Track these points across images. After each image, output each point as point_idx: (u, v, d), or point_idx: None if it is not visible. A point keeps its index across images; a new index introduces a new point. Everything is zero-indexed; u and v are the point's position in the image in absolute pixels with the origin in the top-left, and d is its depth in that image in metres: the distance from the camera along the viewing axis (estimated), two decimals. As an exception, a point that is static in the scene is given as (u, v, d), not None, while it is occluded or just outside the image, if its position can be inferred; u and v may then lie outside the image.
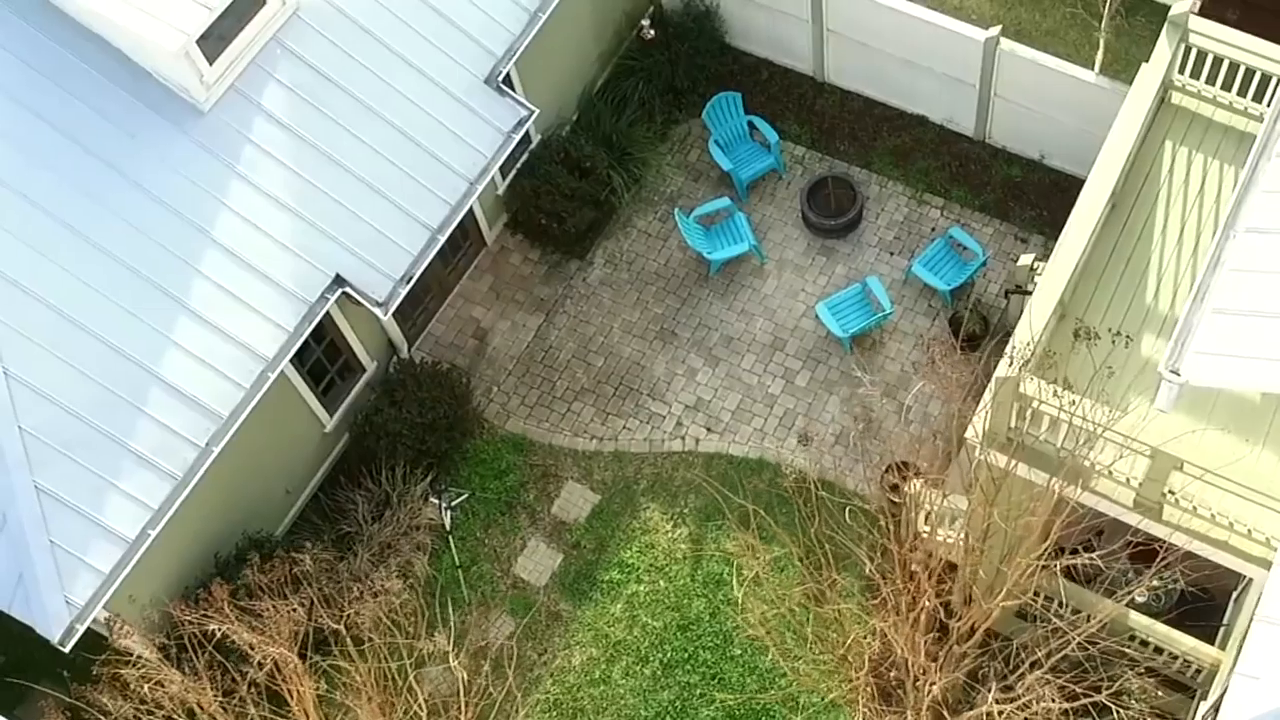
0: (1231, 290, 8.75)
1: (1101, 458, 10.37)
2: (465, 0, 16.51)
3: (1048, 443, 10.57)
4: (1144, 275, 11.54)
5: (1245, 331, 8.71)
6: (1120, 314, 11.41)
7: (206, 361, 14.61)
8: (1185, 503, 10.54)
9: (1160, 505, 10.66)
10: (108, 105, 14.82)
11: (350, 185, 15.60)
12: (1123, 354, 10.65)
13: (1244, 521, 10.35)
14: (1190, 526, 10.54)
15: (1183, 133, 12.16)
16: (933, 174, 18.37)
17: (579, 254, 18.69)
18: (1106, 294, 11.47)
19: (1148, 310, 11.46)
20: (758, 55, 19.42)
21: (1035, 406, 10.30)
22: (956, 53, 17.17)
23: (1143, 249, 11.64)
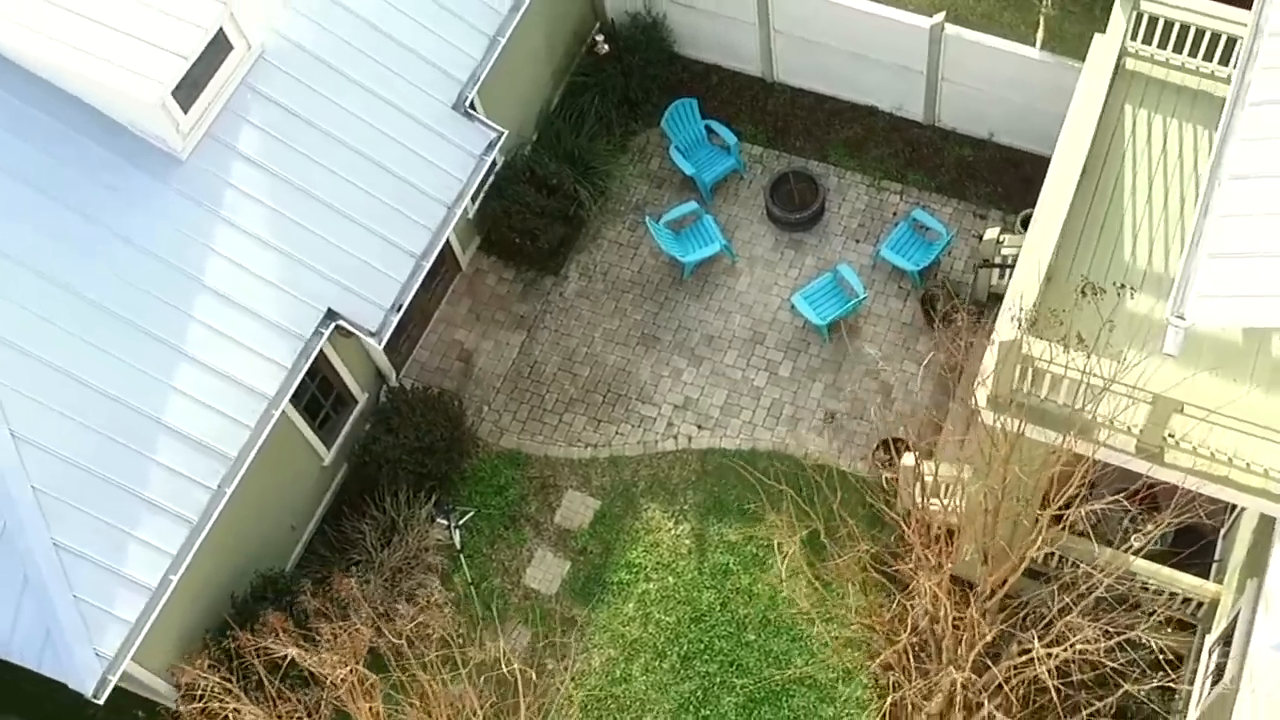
0: (1223, 235, 9.14)
1: (1104, 409, 10.71)
2: (425, 29, 16.64)
3: (1051, 400, 10.90)
4: (1119, 234, 11.96)
5: (1240, 272, 9.11)
6: (1102, 272, 11.79)
7: (209, 405, 14.59)
8: (1186, 444, 10.94)
9: (1161, 449, 11.05)
10: (87, 162, 14.77)
11: (332, 219, 15.65)
12: (1109, 309, 11.01)
13: (1243, 456, 10.77)
14: (1193, 467, 10.93)
15: (1140, 96, 12.61)
16: (888, 161, 18.77)
17: (553, 269, 18.85)
18: (1086, 255, 11.85)
19: (1126, 267, 11.86)
20: (707, 61, 19.72)
21: (1040, 366, 10.62)
22: (902, 42, 17.57)
23: (1115, 210, 12.04)
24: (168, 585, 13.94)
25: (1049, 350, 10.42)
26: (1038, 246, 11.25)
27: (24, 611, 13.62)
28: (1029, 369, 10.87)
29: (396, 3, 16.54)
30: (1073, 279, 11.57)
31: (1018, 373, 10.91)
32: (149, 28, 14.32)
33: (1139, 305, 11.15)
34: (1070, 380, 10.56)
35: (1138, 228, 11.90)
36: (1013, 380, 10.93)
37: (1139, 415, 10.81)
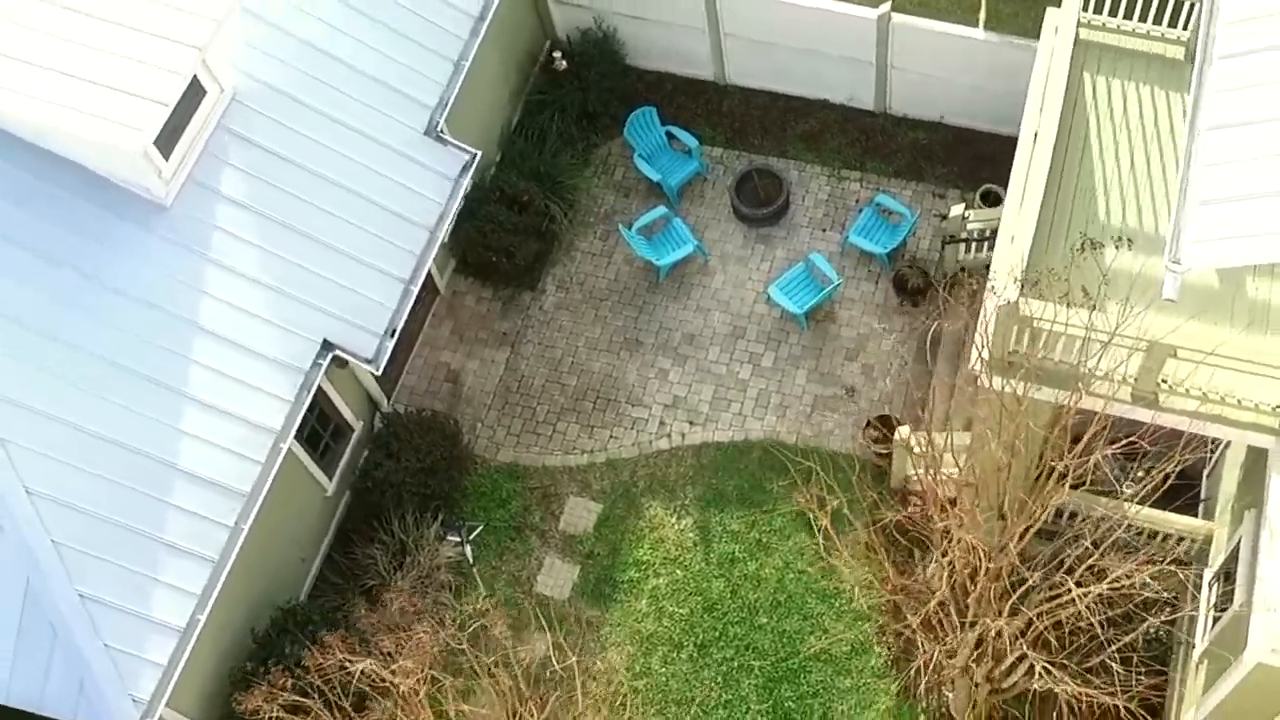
0: (1209, 182, 9.57)
1: (1100, 362, 11.10)
2: (389, 59, 16.78)
3: (1051, 359, 11.27)
4: (1092, 195, 12.39)
5: (1227, 216, 9.54)
6: (1079, 232, 12.22)
7: (218, 444, 14.59)
8: (1180, 389, 11.37)
9: (1156, 395, 11.48)
10: (73, 218, 14.74)
11: (319, 252, 15.72)
12: (1105, 264, 11.41)
13: (1234, 394, 11.22)
14: (1192, 409, 11.38)
15: (1096, 64, 13.06)
16: (845, 151, 19.17)
17: (530, 285, 19.02)
18: (1064, 217, 12.26)
19: (1103, 226, 12.29)
20: (660, 70, 20.02)
21: (1043, 325, 10.98)
22: (851, 34, 17.98)
23: (1085, 173, 12.48)
24: (196, 625, 13.92)
25: (1052, 309, 10.78)
26: (1025, 211, 11.63)
27: (55, 665, 13.55)
28: (1029, 330, 11.22)
29: (359, 36, 16.68)
30: (1054, 241, 11.97)
31: (1018, 334, 11.26)
32: (126, 78, 14.33)
33: (1120, 261, 11.56)
34: (1073, 336, 10.94)
35: (1108, 188, 12.35)
36: (1013, 342, 11.29)
37: (1134, 365, 11.21)
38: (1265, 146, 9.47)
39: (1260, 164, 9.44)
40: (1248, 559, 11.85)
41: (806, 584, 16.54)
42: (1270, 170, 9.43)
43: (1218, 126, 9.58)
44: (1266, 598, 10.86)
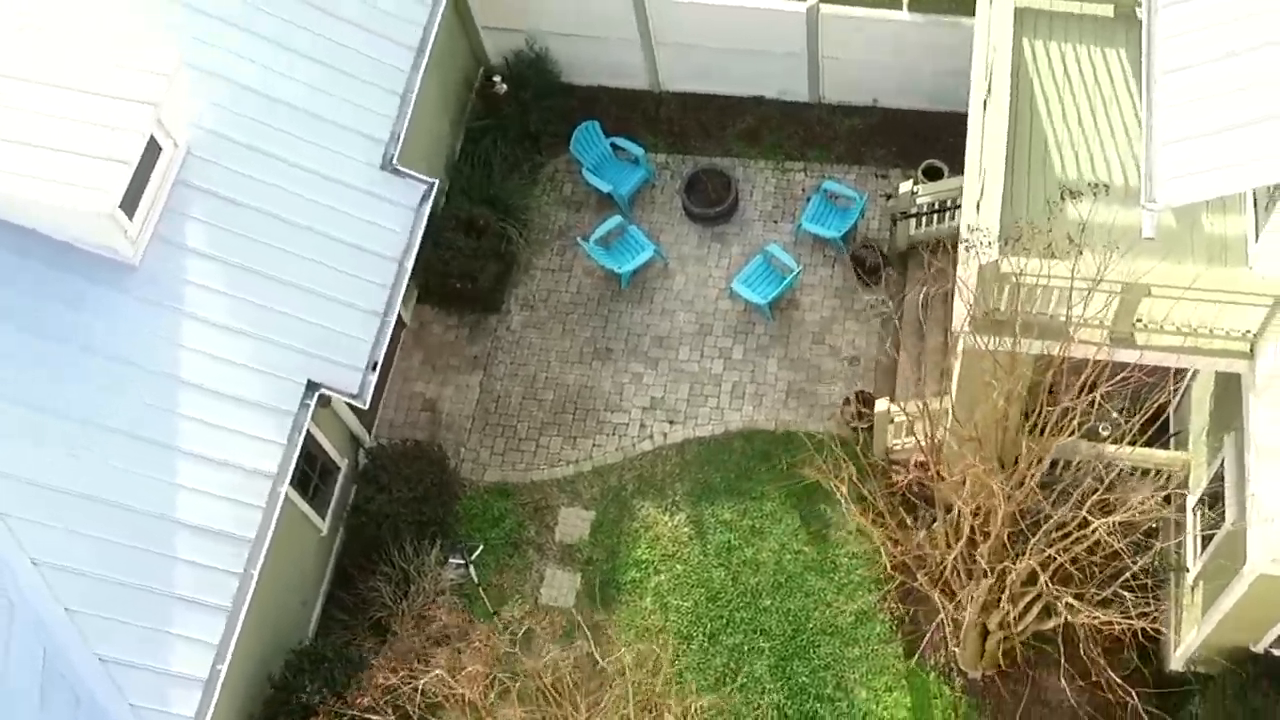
0: (1170, 124, 10.02)
1: (1081, 310, 11.52)
2: (337, 99, 16.78)
3: (1033, 312, 11.64)
4: (1046, 153, 12.84)
5: (1192, 153, 9.99)
6: (1040, 190, 12.66)
7: (217, 494, 14.49)
8: (1154, 326, 11.85)
9: (1133, 335, 11.93)
10: (45, 287, 14.54)
11: (292, 295, 15.68)
12: (1062, 221, 11.84)
13: (1205, 325, 11.71)
14: (1171, 344, 11.86)
15: (1033, 29, 13.52)
16: (786, 144, 19.54)
17: (494, 307, 19.11)
18: (1023, 177, 12.68)
19: (1060, 182, 12.74)
20: (595, 84, 20.24)
21: (1022, 280, 11.35)
22: (781, 29, 18.37)
23: (1037, 133, 12.93)
24: (218, 675, 13.81)
25: (1036, 263, 11.15)
26: (991, 173, 12.00)
27: (82, 731, 13.35)
28: (1011, 286, 11.59)
29: (305, 79, 16.67)
30: (1015, 201, 12.38)
31: (1000, 291, 11.63)
32: (85, 142, 14.22)
33: (1084, 213, 12.00)
34: (1057, 288, 11.33)
35: (1060, 144, 12.82)
36: (997, 299, 11.66)
37: (1111, 309, 11.63)
38: (1217, 85, 9.95)
39: (1214, 101, 9.92)
40: (1234, 480, 12.33)
41: (804, 562, 16.81)
42: (1224, 106, 9.92)
43: (1172, 70, 10.05)
44: (1262, 512, 11.32)
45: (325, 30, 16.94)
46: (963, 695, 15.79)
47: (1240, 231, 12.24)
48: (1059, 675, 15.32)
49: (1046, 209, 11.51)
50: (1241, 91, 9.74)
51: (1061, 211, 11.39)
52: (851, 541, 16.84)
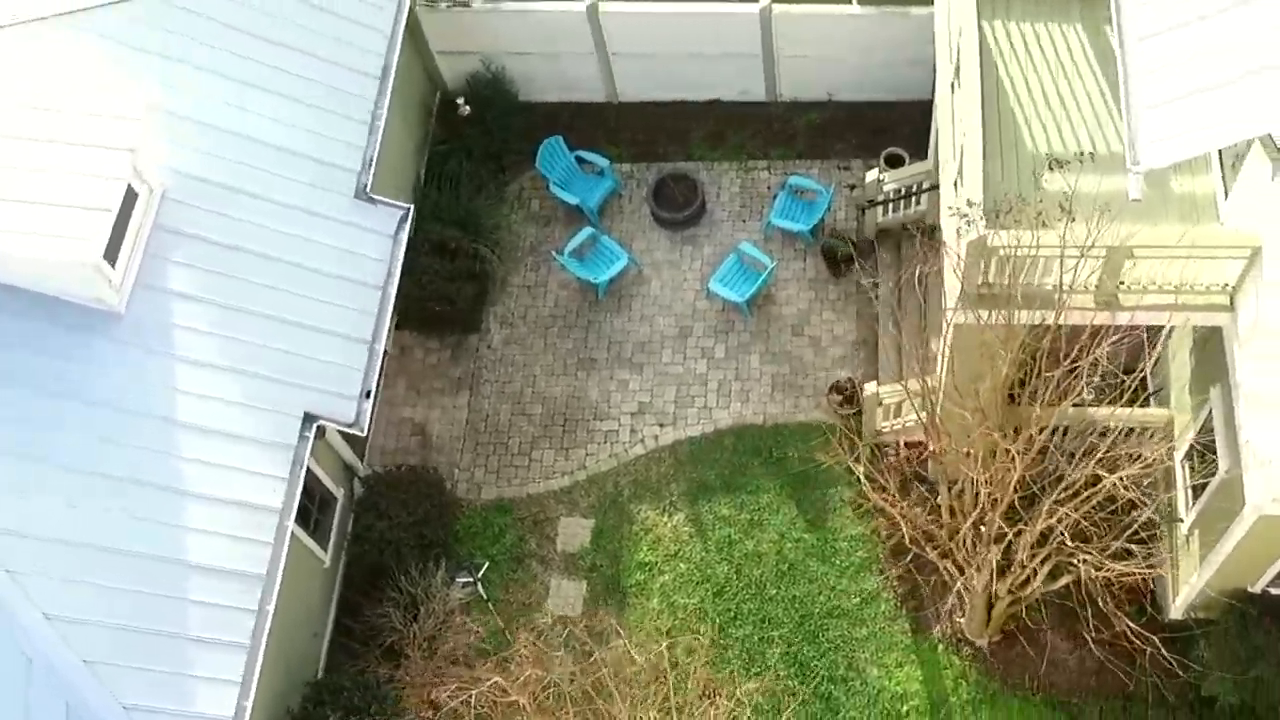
0: (1147, 88, 10.31)
1: (1069, 277, 11.79)
2: (306, 132, 16.74)
3: (1022, 283, 11.90)
4: (1016, 129, 13.13)
5: (1171, 115, 10.29)
6: (1014, 166, 12.95)
7: (224, 533, 14.39)
8: (1136, 286, 12.15)
9: (1117, 297, 12.23)
10: (34, 341, 14.39)
11: (280, 330, 15.60)
12: (1037, 193, 12.12)
13: (1185, 281, 12.04)
14: (1146, 304, 12.18)
15: (990, 9, 13.79)
16: (748, 144, 19.76)
17: (474, 327, 19.13)
18: (995, 153, 12.94)
19: (1033, 156, 13.04)
20: (555, 100, 20.34)
21: (1011, 253, 11.61)
22: (735, 31, 18.58)
23: (1006, 112, 13.20)
24: (244, 712, 13.69)
25: (1027, 234, 11.41)
26: (970, 152, 12.24)
27: (112, 780, 13.18)
28: (998, 259, 11.83)
29: (272, 115, 16.61)
30: (990, 178, 12.63)
31: (990, 264, 11.88)
32: (65, 193, 14.12)
33: (1061, 184, 12.29)
34: (1047, 257, 11.59)
35: (1029, 120, 13.12)
36: (989, 273, 11.90)
37: (1095, 273, 11.92)
38: (1190, 48, 10.24)
39: (1188, 64, 10.23)
40: (1223, 429, 12.66)
41: (805, 549, 16.97)
42: (1199, 69, 10.22)
43: (1145, 37, 10.33)
44: (1258, 457, 11.64)
45: (289, 65, 16.90)
46: (971, 663, 16.02)
47: (1208, 190, 12.60)
48: (1062, 634, 15.73)
49: (1030, 181, 11.75)
50: (1214, 53, 10.06)
51: (1042, 184, 11.65)
52: (849, 525, 17.05)
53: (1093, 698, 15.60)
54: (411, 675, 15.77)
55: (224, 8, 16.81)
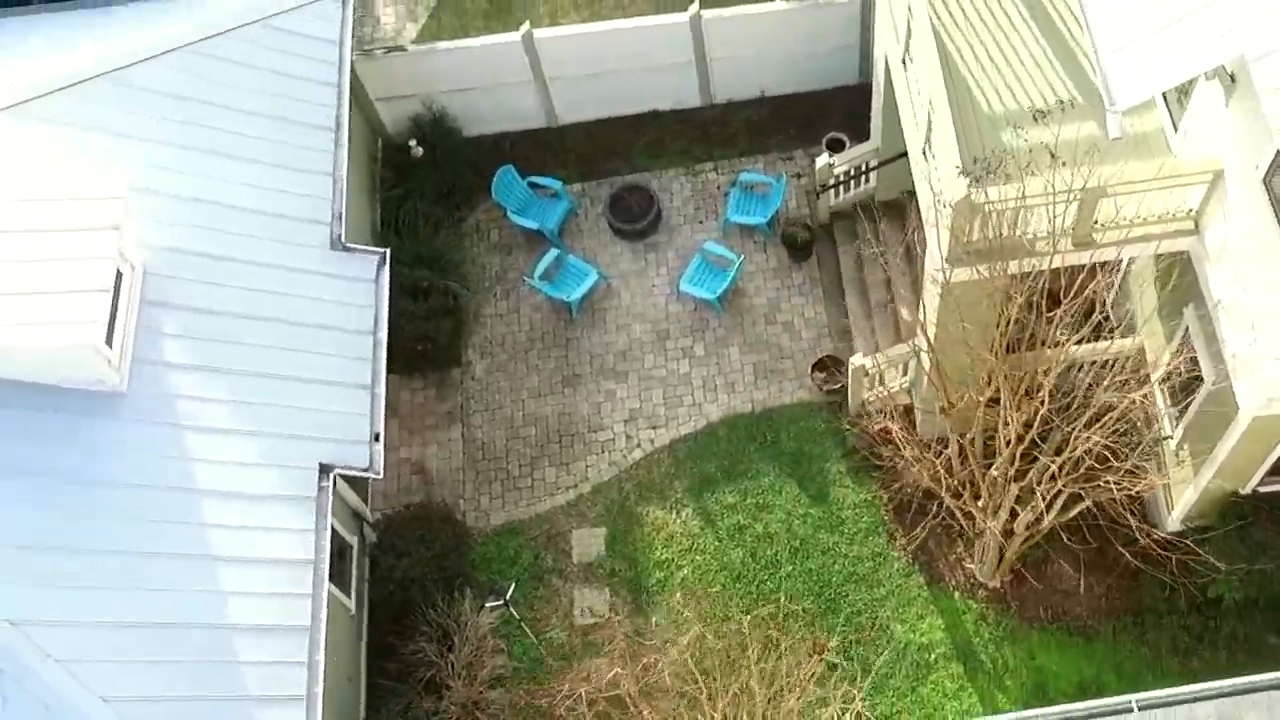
0: (1111, 32, 10.86)
1: (1054, 224, 12.34)
2: (274, 191, 16.66)
3: (1005, 236, 12.40)
4: (969, 93, 13.66)
5: (1136, 54, 10.86)
6: (973, 127, 13.47)
7: (264, 592, 14.29)
8: (1109, 225, 12.75)
9: (1092, 236, 12.81)
10: (42, 431, 14.15)
11: (282, 387, 15.54)
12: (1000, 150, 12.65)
13: (1151, 213, 12.68)
14: (1118, 239, 12.79)
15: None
16: (690, 149, 20.12)
17: (454, 362, 19.19)
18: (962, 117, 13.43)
19: (991, 117, 13.58)
20: (497, 132, 20.49)
21: (1000, 207, 12.09)
22: (667, 42, 18.95)
23: (959, 78, 13.71)
24: (314, 761, 13.59)
25: (1010, 189, 11.91)
26: (939, 119, 12.70)
27: None
28: (984, 215, 12.32)
29: (237, 179, 16.52)
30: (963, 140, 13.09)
31: (974, 222, 12.36)
32: (59, 279, 13.94)
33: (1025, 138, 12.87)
34: (1031, 206, 12.10)
35: (981, 82, 13.66)
36: (973, 230, 12.38)
37: (1069, 215, 12.48)
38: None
39: (1145, 5, 10.84)
40: (1204, 345, 13.30)
41: (813, 523, 17.33)
42: (1155, 8, 10.83)
43: (1103, -13, 10.95)
44: (1244, 364, 12.28)
45: (245, 129, 16.84)
46: (988, 604, 16.51)
47: (1155, 127, 13.26)
48: (1068, 564, 16.31)
49: (995, 140, 12.26)
50: (1168, -9, 10.69)
51: (1006, 141, 12.22)
52: (850, 494, 17.46)
53: (1105, 618, 16.21)
54: (455, 703, 15.80)
55: (171, 80, 16.73)
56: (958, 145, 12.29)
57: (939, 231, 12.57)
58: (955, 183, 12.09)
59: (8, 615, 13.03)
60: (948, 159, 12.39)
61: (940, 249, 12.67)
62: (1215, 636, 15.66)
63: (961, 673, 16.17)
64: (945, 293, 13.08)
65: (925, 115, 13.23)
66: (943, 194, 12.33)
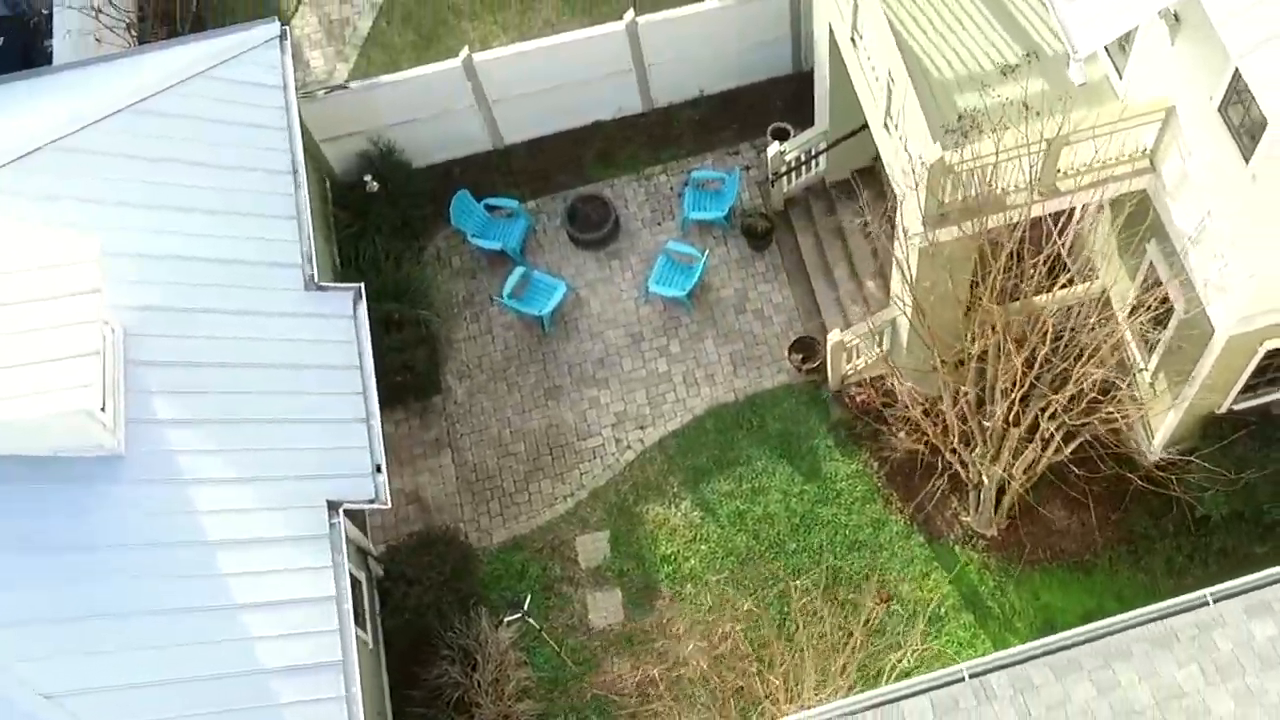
0: (1063, -15, 11.37)
1: (1015, 177, 12.75)
2: (240, 239, 16.47)
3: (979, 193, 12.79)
4: (921, 62, 14.04)
5: (1090, 3, 11.30)
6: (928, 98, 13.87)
7: (292, 633, 14.13)
8: (1071, 172, 13.21)
9: (1057, 184, 13.26)
10: (45, 503, 13.88)
11: (277, 430, 15.39)
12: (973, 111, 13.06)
13: (1110, 157, 13.16)
14: (1084, 184, 13.26)
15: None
16: (638, 155, 20.31)
17: (434, 389, 19.15)
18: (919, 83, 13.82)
19: (941, 81, 13.99)
20: (445, 160, 20.49)
21: (975, 165, 12.47)
22: (605, 51, 19.12)
23: (908, 50, 14.10)
24: (364, 793, 13.47)
25: (984, 145, 12.30)
26: (899, 84, 13.06)
27: None
28: (956, 174, 12.69)
29: (203, 231, 16.30)
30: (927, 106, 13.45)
31: (947, 184, 12.72)
32: (45, 349, 13.63)
33: (974, 100, 13.28)
34: (1003, 161, 12.50)
35: (929, 49, 14.06)
36: (947, 192, 12.74)
37: (1035, 166, 12.91)
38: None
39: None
40: (1170, 277, 13.82)
41: (810, 499, 17.58)
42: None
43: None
44: (1215, 288, 12.79)
45: (205, 181, 16.66)
46: (988, 554, 16.90)
47: (1099, 76, 13.76)
48: (1058, 506, 16.78)
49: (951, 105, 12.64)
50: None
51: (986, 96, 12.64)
52: (841, 466, 17.74)
53: (1101, 550, 16.68)
54: (487, 718, 15.79)
55: (118, 142, 16.49)
56: (923, 112, 12.63)
57: (919, 193, 12.89)
58: (929, 147, 12.43)
59: (40, 689, 12.77)
60: (916, 124, 12.74)
61: (920, 209, 13.00)
62: (1206, 553, 16.21)
63: (972, 621, 16.54)
64: (926, 253, 13.41)
65: (884, 87, 13.60)
66: (916, 158, 12.67)
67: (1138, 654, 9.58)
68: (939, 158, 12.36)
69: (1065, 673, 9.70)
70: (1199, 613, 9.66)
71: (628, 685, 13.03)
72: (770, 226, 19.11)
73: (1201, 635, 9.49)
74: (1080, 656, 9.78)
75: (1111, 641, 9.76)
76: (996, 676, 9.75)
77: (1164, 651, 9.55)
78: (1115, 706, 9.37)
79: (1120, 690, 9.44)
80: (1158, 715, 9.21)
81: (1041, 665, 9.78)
